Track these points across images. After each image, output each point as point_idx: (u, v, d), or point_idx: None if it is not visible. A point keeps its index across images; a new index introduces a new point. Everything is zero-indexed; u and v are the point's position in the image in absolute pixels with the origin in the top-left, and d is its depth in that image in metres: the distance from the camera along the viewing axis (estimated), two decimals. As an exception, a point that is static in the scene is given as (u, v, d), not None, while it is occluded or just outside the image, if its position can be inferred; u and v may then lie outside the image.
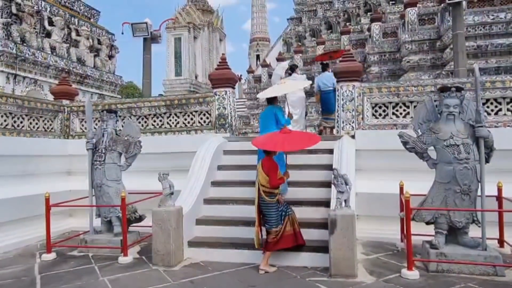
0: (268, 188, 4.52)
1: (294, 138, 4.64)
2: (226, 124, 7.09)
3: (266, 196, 4.52)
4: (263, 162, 4.64)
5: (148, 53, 8.40)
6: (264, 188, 4.52)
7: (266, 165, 4.58)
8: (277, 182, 4.55)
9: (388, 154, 6.02)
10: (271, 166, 4.58)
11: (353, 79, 6.50)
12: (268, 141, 4.67)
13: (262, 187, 4.53)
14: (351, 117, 6.47)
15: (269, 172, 4.52)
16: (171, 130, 7.45)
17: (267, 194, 4.53)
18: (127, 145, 5.75)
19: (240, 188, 5.90)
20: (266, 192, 4.53)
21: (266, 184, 4.52)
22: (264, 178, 4.52)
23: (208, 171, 5.96)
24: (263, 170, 4.55)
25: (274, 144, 4.55)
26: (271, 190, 4.54)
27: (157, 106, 7.49)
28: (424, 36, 14.16)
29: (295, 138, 4.65)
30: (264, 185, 4.52)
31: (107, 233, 5.79)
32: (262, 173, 4.54)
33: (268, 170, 4.53)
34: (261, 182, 4.54)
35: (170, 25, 29.52)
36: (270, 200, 4.54)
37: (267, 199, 4.53)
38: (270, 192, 4.54)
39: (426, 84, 6.20)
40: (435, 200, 4.49)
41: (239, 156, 6.53)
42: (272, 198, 4.55)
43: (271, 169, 4.56)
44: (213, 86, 7.23)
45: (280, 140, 4.54)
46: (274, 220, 4.54)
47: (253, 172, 6.17)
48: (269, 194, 4.54)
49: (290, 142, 4.53)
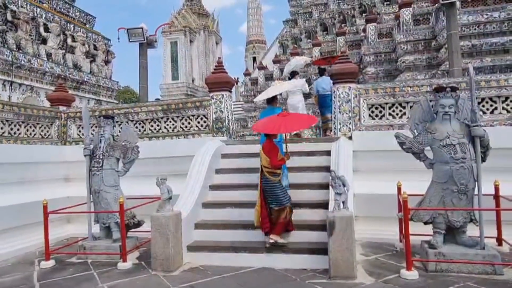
0: (270, 168, 4.82)
1: (293, 120, 5.02)
2: (224, 127, 7.10)
3: (269, 175, 4.83)
4: (264, 145, 4.94)
5: (144, 58, 8.41)
6: (267, 169, 4.84)
7: (267, 147, 4.89)
8: (278, 163, 4.84)
9: (385, 155, 6.04)
10: (271, 148, 4.88)
11: (349, 80, 6.52)
12: (268, 124, 4.98)
13: (265, 168, 4.85)
14: (348, 119, 6.49)
15: (269, 153, 4.82)
16: (168, 135, 7.45)
17: (270, 173, 4.84)
18: (125, 151, 5.75)
19: (239, 191, 5.91)
20: (269, 172, 4.84)
21: (267, 165, 4.83)
22: (265, 159, 4.83)
23: (206, 175, 5.96)
24: (264, 152, 4.86)
25: (274, 126, 4.84)
26: (273, 170, 4.84)
27: (154, 110, 7.50)
28: (419, 36, 14.24)
29: (293, 120, 5.03)
30: (266, 166, 4.84)
31: (105, 239, 5.78)
32: (263, 155, 4.85)
33: (269, 151, 4.84)
34: (263, 163, 4.86)
35: (166, 29, 29.54)
36: (274, 179, 4.84)
37: (271, 177, 4.84)
38: (272, 172, 4.84)
39: (421, 84, 6.23)
40: (433, 200, 4.51)
41: (237, 159, 6.53)
42: (276, 177, 4.85)
43: (272, 150, 4.86)
44: (210, 90, 7.24)
45: (279, 122, 4.83)
46: (282, 196, 4.83)
47: (251, 175, 6.19)
48: (272, 173, 4.85)
49: (289, 123, 4.89)
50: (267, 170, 4.84)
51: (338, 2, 21.76)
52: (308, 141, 6.54)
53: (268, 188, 4.86)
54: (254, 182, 6.00)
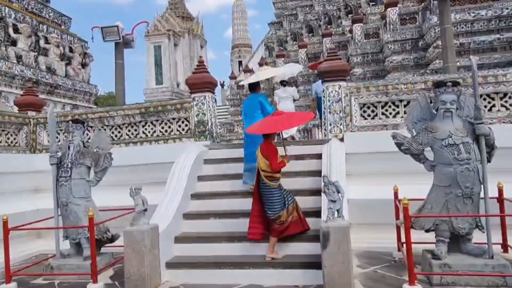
0: (269, 173, 4.42)
1: (289, 117, 4.75)
2: (206, 131, 6.62)
3: (268, 180, 4.42)
4: (262, 146, 4.55)
5: (120, 58, 7.86)
6: (265, 173, 4.43)
7: (265, 149, 4.48)
8: (278, 166, 4.44)
9: (379, 157, 5.66)
10: (271, 150, 4.47)
11: (339, 78, 6.13)
12: (263, 125, 4.69)
13: (263, 172, 4.44)
14: (339, 119, 6.09)
15: (268, 156, 4.42)
16: (147, 140, 6.93)
17: (269, 178, 4.44)
18: (96, 158, 5.22)
19: (223, 200, 5.43)
20: (268, 177, 4.44)
21: (266, 168, 4.42)
22: (264, 162, 4.43)
23: (187, 182, 5.47)
24: (263, 154, 4.46)
25: (271, 125, 4.56)
26: (272, 175, 4.44)
27: (131, 114, 6.97)
28: (406, 36, 14.05)
29: (289, 117, 4.78)
30: (264, 169, 4.43)
31: (76, 256, 5.22)
32: (262, 158, 4.46)
33: (268, 154, 4.43)
34: (261, 167, 4.45)
35: (149, 32, 28.93)
36: (273, 184, 4.44)
37: (270, 183, 4.43)
38: (271, 177, 4.44)
39: (415, 82, 5.88)
40: (435, 205, 4.11)
41: (221, 165, 6.06)
42: (275, 183, 4.46)
43: (271, 152, 4.44)
44: (191, 91, 6.76)
45: (274, 121, 4.56)
46: (278, 205, 4.42)
47: (237, 182, 5.73)
48: (271, 178, 4.45)
49: (287, 120, 4.63)
50: (265, 175, 4.43)
51: (323, 3, 21.56)
52: (296, 143, 6.13)
53: (266, 194, 4.47)
54: (240, 190, 5.55)
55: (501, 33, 11.97)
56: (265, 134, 4.57)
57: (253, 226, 4.58)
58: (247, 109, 5.73)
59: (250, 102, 5.64)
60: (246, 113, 5.76)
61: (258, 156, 4.52)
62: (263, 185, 4.48)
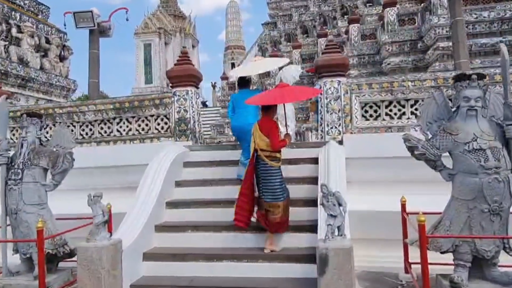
0: (270, 152, 3.98)
1: (294, 90, 4.42)
2: (188, 130, 5.87)
3: (269, 160, 3.96)
4: (261, 123, 4.12)
5: (95, 47, 7.08)
6: (265, 153, 3.98)
7: (265, 125, 4.04)
8: (280, 144, 4.02)
9: (383, 163, 4.99)
10: (272, 126, 4.04)
11: (338, 73, 5.45)
12: (265, 97, 4.30)
13: (263, 151, 3.98)
14: (337, 119, 5.40)
15: (269, 132, 3.98)
16: (121, 139, 6.16)
17: (270, 158, 3.98)
18: (54, 158, 4.42)
19: (204, 210, 4.69)
20: (269, 157, 3.98)
21: (266, 147, 3.98)
22: (263, 141, 3.98)
23: (162, 188, 4.71)
24: (262, 132, 4.01)
25: (272, 97, 4.17)
26: (273, 154, 4.00)
27: (105, 110, 6.20)
28: (405, 37, 13.50)
29: (295, 90, 4.44)
30: (264, 149, 3.98)
31: (27, 273, 4.40)
32: (260, 136, 4.00)
33: (268, 130, 3.99)
34: (260, 146, 3.99)
35: (139, 30, 28.08)
36: (274, 164, 3.98)
37: (272, 163, 3.97)
38: (272, 156, 3.99)
39: (424, 79, 5.21)
40: (455, 223, 3.42)
41: (204, 168, 5.32)
42: (277, 162, 4.02)
43: (272, 129, 4.00)
44: (172, 85, 6.02)
45: (278, 93, 4.12)
46: (279, 189, 3.97)
47: (220, 189, 5.00)
48: (273, 158, 3.99)
49: (291, 93, 4.22)
50: (265, 154, 3.97)
51: (318, 4, 21.01)
52: (290, 146, 5.42)
53: (265, 177, 3.98)
54: (223, 198, 4.81)
55: (504, 36, 11.48)
56: (265, 109, 4.14)
57: (240, 213, 4.05)
58: (238, 101, 5.04)
59: (243, 95, 4.96)
60: (237, 105, 5.09)
61: (255, 134, 4.05)
62: (263, 166, 3.99)
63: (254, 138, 4.04)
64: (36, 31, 9.95)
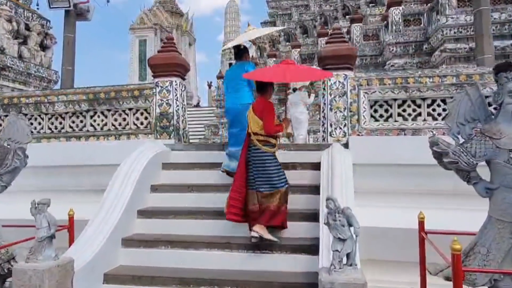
0: (263, 136, 3.57)
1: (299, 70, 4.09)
2: (171, 126, 5.12)
3: (261, 144, 3.55)
4: (255, 104, 3.73)
5: (70, 31, 6.32)
6: (258, 137, 3.58)
7: (260, 106, 3.64)
8: (274, 129, 3.60)
9: (395, 171, 4.28)
10: (266, 108, 3.62)
11: (345, 66, 4.73)
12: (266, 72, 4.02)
13: (256, 135, 3.59)
14: (342, 119, 4.67)
15: (263, 113, 3.57)
16: (95, 134, 5.40)
17: (262, 143, 3.57)
18: (3, 155, 3.66)
19: (182, 221, 3.94)
20: (262, 141, 3.57)
21: (259, 130, 3.57)
22: (256, 123, 3.58)
23: (134, 194, 3.95)
24: (255, 113, 3.62)
25: (274, 74, 3.78)
26: (267, 139, 3.59)
27: (77, 101, 5.43)
28: (410, 38, 12.87)
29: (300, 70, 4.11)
30: (257, 132, 3.58)
31: (-36, 294, 3.63)
32: (253, 117, 3.62)
33: (262, 111, 3.58)
34: (252, 129, 3.60)
35: (134, 25, 27.26)
36: (268, 149, 3.57)
37: (264, 148, 3.55)
38: (266, 141, 3.58)
39: (445, 75, 4.51)
40: (495, 250, 2.69)
41: (186, 171, 4.57)
42: (271, 148, 3.60)
43: (266, 110, 3.59)
44: (154, 74, 5.27)
45: (282, 69, 3.76)
46: (276, 176, 3.54)
47: (204, 195, 4.24)
48: (265, 142, 3.58)
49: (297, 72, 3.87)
50: (258, 138, 3.57)
51: (319, 3, 20.38)
52: (287, 148, 4.70)
53: (258, 163, 3.55)
54: (207, 207, 4.07)
55: (516, 39, 10.85)
56: (259, 88, 3.72)
57: (233, 205, 3.60)
58: (230, 82, 4.52)
59: (234, 73, 4.45)
60: (229, 86, 4.56)
61: (249, 116, 3.66)
62: (254, 151, 3.58)
63: (249, 122, 3.62)
64: (15, 16, 9.16)
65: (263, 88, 3.70)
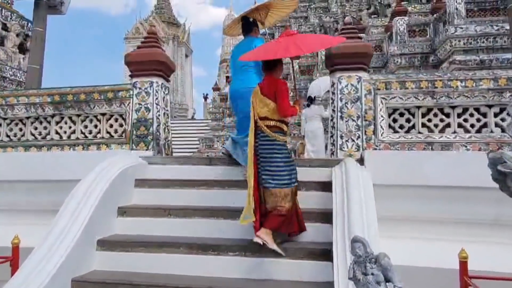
0: (275, 121, 2.96)
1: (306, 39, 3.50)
2: (149, 135, 4.29)
3: (271, 130, 2.95)
4: (263, 84, 3.08)
5: (40, 25, 5.51)
6: (267, 122, 2.96)
7: (271, 86, 3.01)
8: (291, 110, 3.00)
9: (422, 194, 3.49)
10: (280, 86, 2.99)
11: (358, 66, 3.96)
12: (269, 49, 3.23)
13: (264, 120, 2.96)
14: (355, 129, 3.87)
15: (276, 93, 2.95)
16: (59, 144, 4.55)
17: (273, 129, 2.96)
18: None
19: (156, 256, 3.07)
20: (272, 127, 2.96)
21: (270, 114, 2.97)
22: (265, 106, 2.98)
23: (94, 219, 3.10)
24: (263, 92, 3.01)
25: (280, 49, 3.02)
26: (278, 124, 2.98)
27: (40, 104, 4.61)
28: (416, 49, 12.24)
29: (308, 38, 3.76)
30: (267, 116, 2.97)
31: None
32: (262, 100, 2.99)
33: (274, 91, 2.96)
34: (260, 114, 2.99)
35: (129, 35, 26.71)
36: (280, 137, 2.96)
37: (276, 135, 2.94)
38: (277, 127, 2.97)
39: (480, 78, 3.74)
40: None
41: (164, 190, 3.72)
42: (282, 136, 2.98)
43: (280, 89, 2.97)
44: (132, 74, 4.47)
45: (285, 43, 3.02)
46: (286, 173, 2.92)
47: (185, 222, 3.38)
48: (276, 129, 2.97)
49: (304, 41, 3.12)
50: (267, 124, 2.94)
51: (319, 15, 19.92)
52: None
53: (266, 153, 2.94)
54: (186, 237, 3.22)
55: (530, 52, 10.22)
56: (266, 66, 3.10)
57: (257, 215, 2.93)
58: (236, 60, 3.90)
59: (240, 51, 3.76)
60: (235, 65, 4.02)
61: (255, 100, 3.03)
62: (263, 140, 2.95)
63: (254, 106, 3.01)
64: (-9, 15, 8.41)
65: (272, 65, 3.08)
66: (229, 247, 2.96)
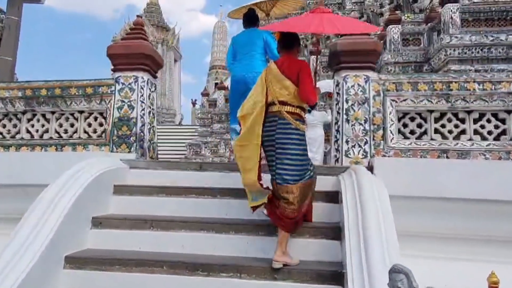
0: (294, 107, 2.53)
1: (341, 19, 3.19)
2: (132, 136, 3.83)
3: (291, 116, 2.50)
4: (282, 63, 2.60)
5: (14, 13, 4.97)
6: (287, 107, 2.51)
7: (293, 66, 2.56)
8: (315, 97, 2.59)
9: (439, 207, 3.12)
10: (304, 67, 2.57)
11: (366, 65, 3.61)
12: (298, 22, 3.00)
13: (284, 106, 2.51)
14: (363, 134, 3.49)
15: (300, 74, 2.50)
16: (29, 144, 4.05)
17: (294, 116, 2.53)
18: None
19: (133, 276, 2.59)
20: (293, 113, 2.53)
21: (290, 99, 2.52)
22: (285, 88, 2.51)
23: (62, 231, 2.62)
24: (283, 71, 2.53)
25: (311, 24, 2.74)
26: (298, 111, 2.56)
27: (10, 99, 4.11)
28: (410, 58, 12.08)
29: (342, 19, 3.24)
30: (286, 101, 2.52)
31: None
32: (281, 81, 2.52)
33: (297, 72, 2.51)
34: (278, 96, 2.52)
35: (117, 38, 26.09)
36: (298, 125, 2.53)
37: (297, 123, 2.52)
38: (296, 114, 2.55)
39: (499, 80, 3.42)
40: None
41: (146, 198, 3.26)
42: (302, 124, 2.58)
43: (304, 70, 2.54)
44: (114, 68, 4.01)
45: (319, 18, 2.71)
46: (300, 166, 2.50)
47: (170, 235, 2.93)
48: (297, 116, 2.55)
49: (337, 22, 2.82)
50: (288, 110, 2.51)
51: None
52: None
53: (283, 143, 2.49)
54: (169, 253, 2.77)
55: (524, 63, 10.15)
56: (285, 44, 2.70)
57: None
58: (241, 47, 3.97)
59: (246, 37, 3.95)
60: (239, 52, 4.00)
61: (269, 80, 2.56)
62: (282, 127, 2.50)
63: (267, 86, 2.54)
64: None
65: (292, 43, 2.70)
66: (222, 266, 2.52)
